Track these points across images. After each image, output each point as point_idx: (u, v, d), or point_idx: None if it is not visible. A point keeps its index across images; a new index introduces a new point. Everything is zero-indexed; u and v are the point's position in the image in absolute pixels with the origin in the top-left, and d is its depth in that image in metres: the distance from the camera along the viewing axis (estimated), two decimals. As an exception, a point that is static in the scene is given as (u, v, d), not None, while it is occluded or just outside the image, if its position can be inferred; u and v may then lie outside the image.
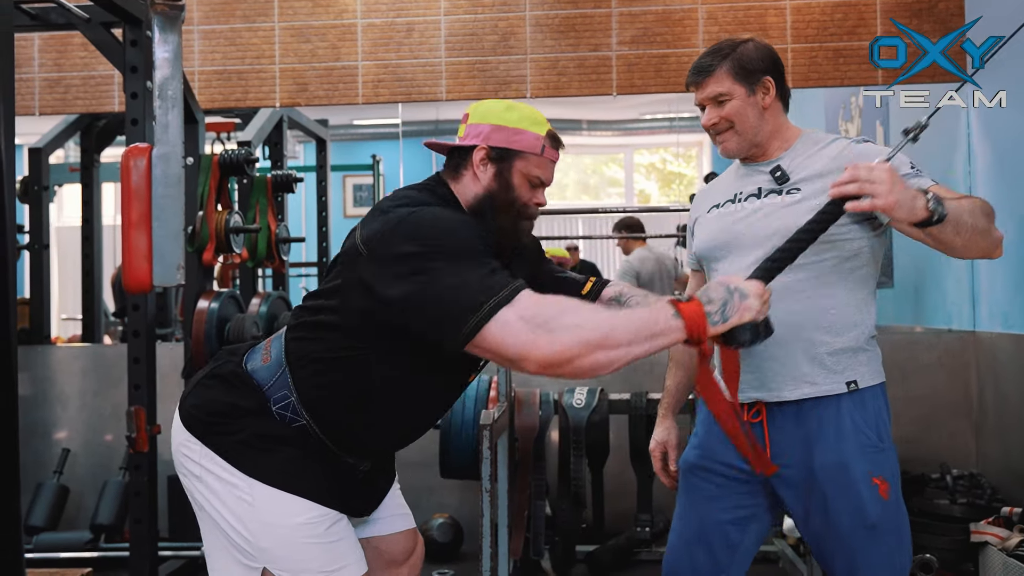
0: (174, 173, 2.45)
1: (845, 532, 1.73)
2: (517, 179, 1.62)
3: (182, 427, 1.58)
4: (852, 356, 1.76)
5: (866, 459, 1.73)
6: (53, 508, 3.78)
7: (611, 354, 1.36)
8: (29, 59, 4.26)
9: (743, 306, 1.43)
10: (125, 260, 2.46)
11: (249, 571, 1.54)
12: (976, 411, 3.82)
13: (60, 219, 9.51)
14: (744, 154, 1.87)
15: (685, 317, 1.40)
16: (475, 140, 1.63)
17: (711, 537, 1.84)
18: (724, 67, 1.81)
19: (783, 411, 1.77)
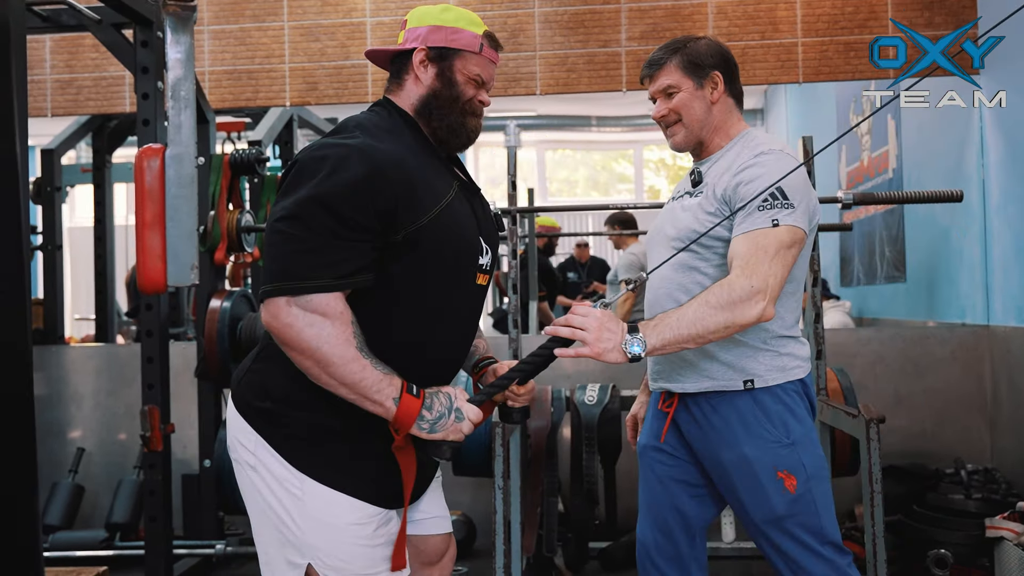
0: (187, 173, 2.46)
1: (757, 522, 1.82)
2: (459, 77, 1.63)
3: (237, 415, 1.58)
4: (751, 355, 1.81)
5: (770, 454, 1.79)
6: (68, 507, 3.80)
7: (322, 376, 1.45)
8: (41, 61, 4.28)
9: (454, 427, 1.52)
10: (140, 260, 2.47)
11: (295, 567, 1.55)
12: (991, 405, 3.80)
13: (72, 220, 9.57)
14: (690, 147, 1.93)
15: (400, 408, 1.47)
16: (414, 43, 1.64)
17: (669, 518, 1.94)
18: (674, 61, 1.88)
19: (695, 402, 1.86)
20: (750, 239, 1.70)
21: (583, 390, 3.38)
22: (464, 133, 1.65)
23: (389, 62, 1.70)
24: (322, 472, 1.53)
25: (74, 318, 8.42)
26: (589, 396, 3.34)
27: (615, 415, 3.36)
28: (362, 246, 1.47)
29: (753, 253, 1.68)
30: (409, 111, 1.64)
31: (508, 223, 3.38)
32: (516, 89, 4.12)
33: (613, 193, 12.26)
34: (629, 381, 3.74)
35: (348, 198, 1.45)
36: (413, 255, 1.52)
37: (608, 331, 1.59)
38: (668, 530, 1.94)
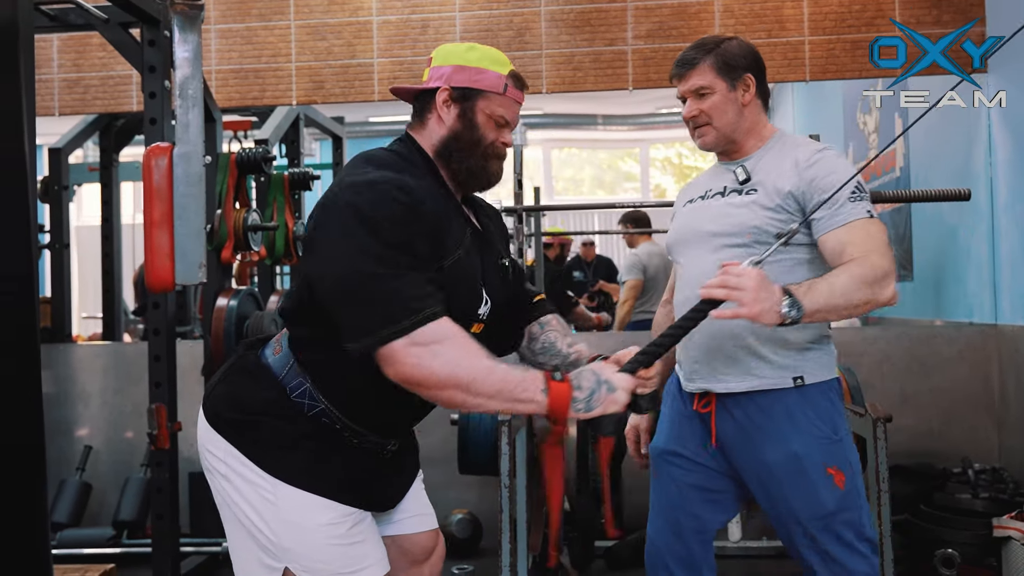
0: (195, 172, 2.47)
1: (803, 521, 1.79)
2: (481, 118, 1.61)
3: (207, 426, 1.59)
4: (799, 354, 1.81)
5: (819, 450, 1.78)
6: (76, 504, 3.82)
7: (468, 399, 1.41)
8: (48, 60, 4.29)
9: (609, 399, 1.48)
10: (148, 259, 2.48)
11: (271, 571, 1.55)
12: (998, 405, 3.79)
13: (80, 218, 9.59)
14: (720, 148, 1.92)
15: (551, 396, 1.44)
16: (437, 82, 1.62)
17: (683, 523, 1.92)
18: (708, 61, 1.86)
19: (735, 403, 1.83)
20: (858, 228, 1.71)
21: (589, 389, 3.37)
22: (485, 176, 1.63)
23: (414, 99, 1.68)
24: (293, 475, 1.53)
25: (82, 316, 8.44)
26: (595, 395, 3.34)
27: (622, 415, 3.35)
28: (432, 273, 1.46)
29: (868, 239, 1.69)
30: (430, 152, 1.62)
31: (514, 222, 3.39)
32: (522, 88, 4.12)
33: (619, 192, 12.25)
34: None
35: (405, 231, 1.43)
36: None
37: (766, 291, 1.54)
38: (681, 533, 1.92)
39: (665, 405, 2.01)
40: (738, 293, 1.53)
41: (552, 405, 1.44)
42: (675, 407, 1.97)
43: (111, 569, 3.24)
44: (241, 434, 1.55)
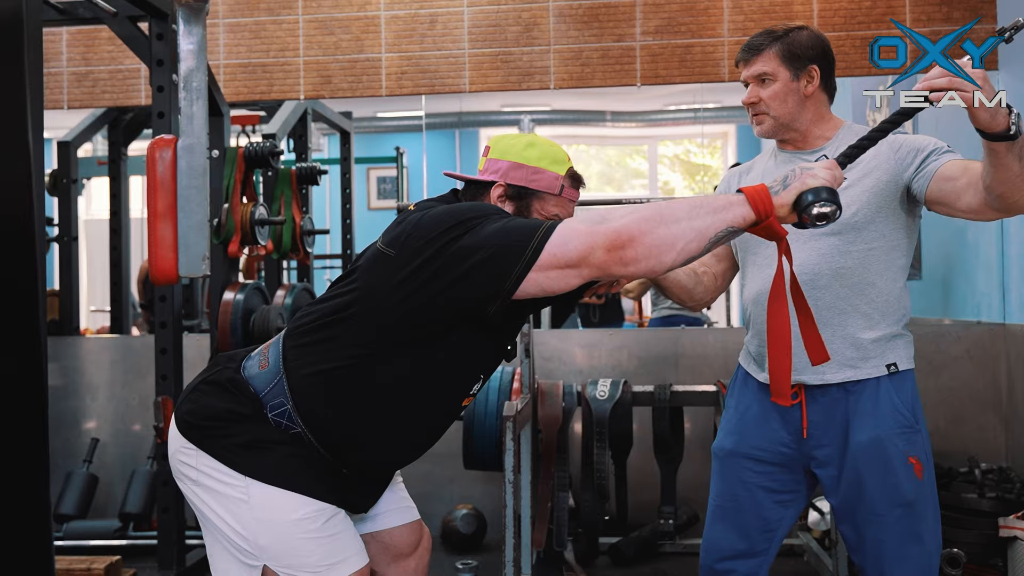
0: (199, 164, 2.47)
1: (880, 510, 1.77)
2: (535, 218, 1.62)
3: (178, 434, 1.59)
4: (891, 341, 1.82)
5: (903, 438, 1.78)
6: (83, 496, 3.83)
7: (673, 228, 1.35)
8: (57, 53, 4.31)
9: (806, 174, 1.41)
10: (151, 251, 2.48)
11: (250, 570, 1.55)
12: (1006, 404, 3.77)
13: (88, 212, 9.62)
14: (776, 136, 1.91)
15: (747, 190, 1.39)
16: (494, 176, 1.63)
17: (749, 524, 1.89)
18: (774, 48, 1.86)
19: (825, 392, 1.82)
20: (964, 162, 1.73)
21: (594, 385, 3.38)
22: None
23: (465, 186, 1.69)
24: (265, 473, 1.53)
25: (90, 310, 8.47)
26: (600, 391, 3.34)
27: (626, 410, 3.35)
28: None
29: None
30: None
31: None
32: (530, 83, 4.11)
33: (627, 189, 12.23)
34: (640, 377, 3.73)
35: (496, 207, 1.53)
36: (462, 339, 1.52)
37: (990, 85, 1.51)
38: (747, 533, 1.90)
39: (729, 404, 1.99)
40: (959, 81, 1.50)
41: (751, 197, 1.38)
42: (742, 404, 1.95)
43: (117, 561, 3.26)
44: (211, 439, 1.56)
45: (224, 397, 1.57)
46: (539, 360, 3.70)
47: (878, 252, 1.81)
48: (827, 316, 1.81)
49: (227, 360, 1.64)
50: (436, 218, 1.47)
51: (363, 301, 1.52)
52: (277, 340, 1.62)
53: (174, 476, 1.62)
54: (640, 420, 3.55)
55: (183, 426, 1.59)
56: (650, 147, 11.51)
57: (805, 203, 1.38)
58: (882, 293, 1.83)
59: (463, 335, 1.51)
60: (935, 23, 3.85)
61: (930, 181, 1.75)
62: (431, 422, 1.65)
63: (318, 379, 1.53)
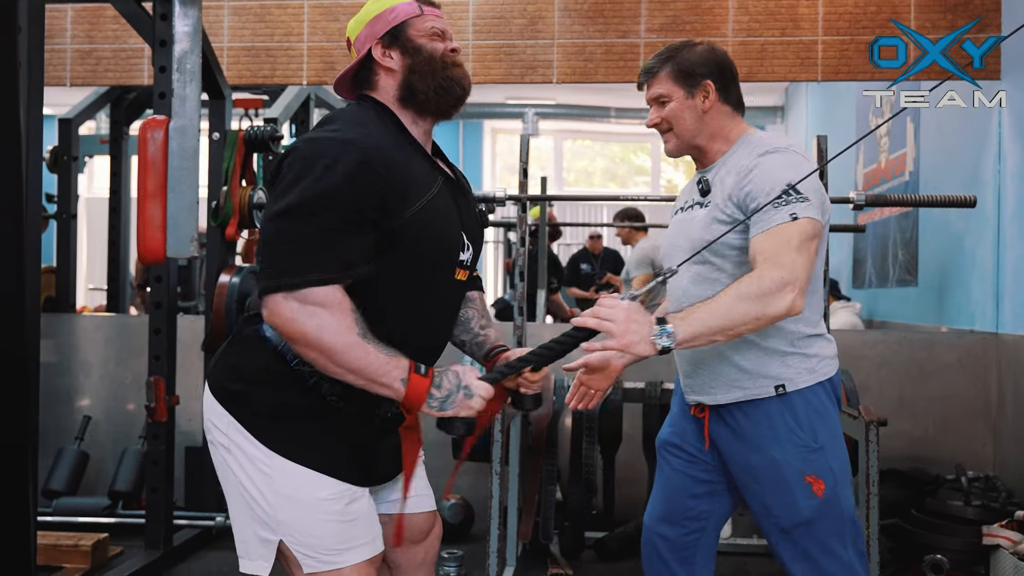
0: (190, 146, 2.48)
1: (783, 526, 1.82)
2: (421, 40, 1.63)
3: (212, 398, 1.61)
4: (780, 360, 1.81)
5: (799, 459, 1.79)
6: (73, 473, 3.85)
7: (329, 366, 1.47)
8: (62, 30, 4.30)
9: (464, 404, 1.52)
10: (140, 231, 2.49)
11: (267, 544, 1.56)
12: (995, 413, 3.79)
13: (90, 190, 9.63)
14: (683, 154, 1.95)
15: (409, 388, 1.48)
16: (366, 44, 1.65)
17: (679, 510, 1.96)
18: (665, 69, 1.89)
19: (722, 412, 1.87)
20: (772, 235, 1.68)
21: (586, 380, 3.38)
22: (456, 85, 1.64)
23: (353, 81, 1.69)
24: (290, 449, 1.54)
25: (88, 288, 8.48)
26: (592, 386, 3.34)
27: (617, 407, 3.37)
28: (362, 238, 1.48)
29: (777, 247, 1.66)
30: (392, 103, 1.63)
31: (518, 211, 3.39)
32: (533, 77, 4.11)
33: (630, 185, 12.23)
34: (632, 374, 3.74)
35: (344, 193, 1.46)
36: (395, 248, 1.53)
37: (636, 323, 1.55)
38: (676, 520, 1.96)
39: (674, 399, 2.04)
40: (608, 324, 1.55)
41: (408, 397, 1.48)
42: (676, 396, 2.02)
43: (105, 538, 3.28)
44: (242, 406, 1.57)
45: (252, 354, 1.59)
46: (532, 353, 3.71)
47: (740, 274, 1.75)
48: None
49: (246, 321, 1.66)
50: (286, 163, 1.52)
51: None
52: None
53: (207, 439, 1.64)
54: (630, 417, 3.56)
55: (216, 389, 1.61)
56: (653, 144, 11.51)
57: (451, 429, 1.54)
58: None
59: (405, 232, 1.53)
60: (940, 29, 3.85)
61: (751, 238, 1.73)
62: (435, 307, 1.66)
63: None
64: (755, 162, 1.77)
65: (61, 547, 3.15)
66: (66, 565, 3.13)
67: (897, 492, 3.44)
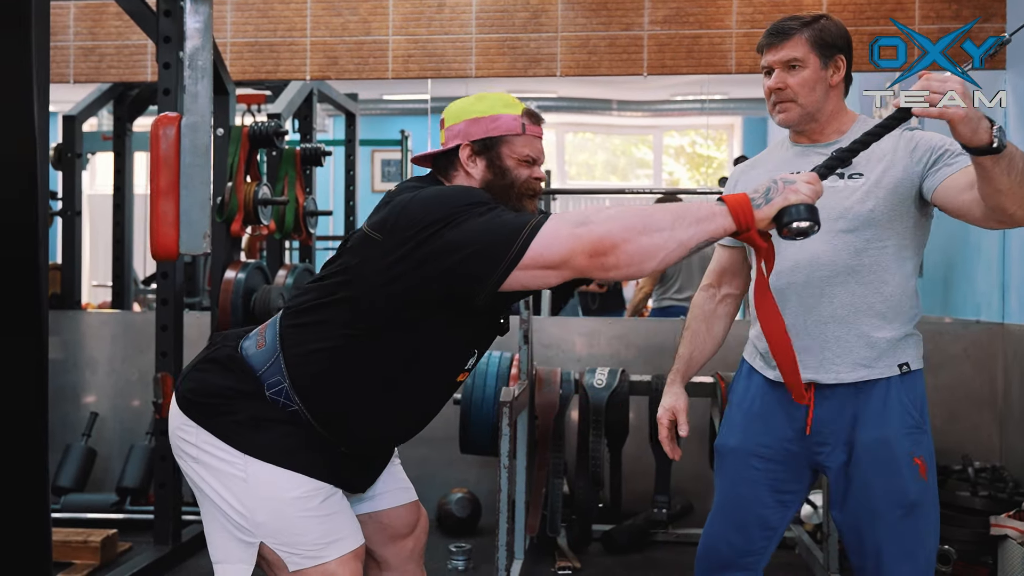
0: (202, 142, 2.48)
1: (883, 509, 1.76)
2: (509, 163, 1.62)
3: (179, 411, 1.61)
4: (904, 340, 1.81)
5: (909, 438, 1.77)
6: (81, 470, 3.86)
7: (655, 238, 1.36)
8: (64, 27, 4.30)
9: (788, 188, 1.41)
10: (153, 227, 2.49)
11: (247, 547, 1.56)
12: (1001, 404, 3.78)
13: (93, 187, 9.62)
14: (800, 126, 1.87)
15: (729, 201, 1.40)
16: (456, 140, 1.64)
17: (751, 521, 1.88)
18: (805, 34, 1.81)
19: (836, 391, 1.81)
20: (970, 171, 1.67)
21: (592, 374, 3.39)
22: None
23: (433, 162, 1.70)
24: (264, 451, 1.55)
25: (92, 284, 8.48)
26: (598, 380, 3.35)
27: (623, 399, 3.37)
28: None
29: None
30: None
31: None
32: (536, 70, 4.10)
33: (632, 178, 12.21)
34: (638, 367, 3.74)
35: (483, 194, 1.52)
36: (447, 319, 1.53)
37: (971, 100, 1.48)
38: (746, 528, 1.89)
39: (732, 401, 1.97)
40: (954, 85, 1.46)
41: (735, 211, 1.39)
42: (746, 401, 1.93)
43: (113, 534, 3.29)
44: (211, 416, 1.57)
45: (225, 375, 1.59)
46: (538, 347, 3.71)
47: (892, 250, 1.79)
48: (842, 313, 1.79)
49: (224, 339, 1.66)
50: (423, 205, 1.47)
51: (352, 284, 1.53)
52: (274, 321, 1.63)
53: (174, 453, 1.63)
54: (637, 409, 3.57)
55: (184, 403, 1.60)
56: (655, 137, 11.48)
57: (785, 219, 1.41)
58: (896, 291, 1.80)
59: (452, 316, 1.53)
60: (944, 20, 3.84)
61: (937, 187, 1.73)
62: (427, 398, 1.67)
63: (313, 358, 1.55)
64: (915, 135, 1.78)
65: (70, 543, 3.16)
66: (75, 561, 3.14)
67: (904, 483, 3.44)
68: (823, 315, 1.80)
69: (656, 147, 11.66)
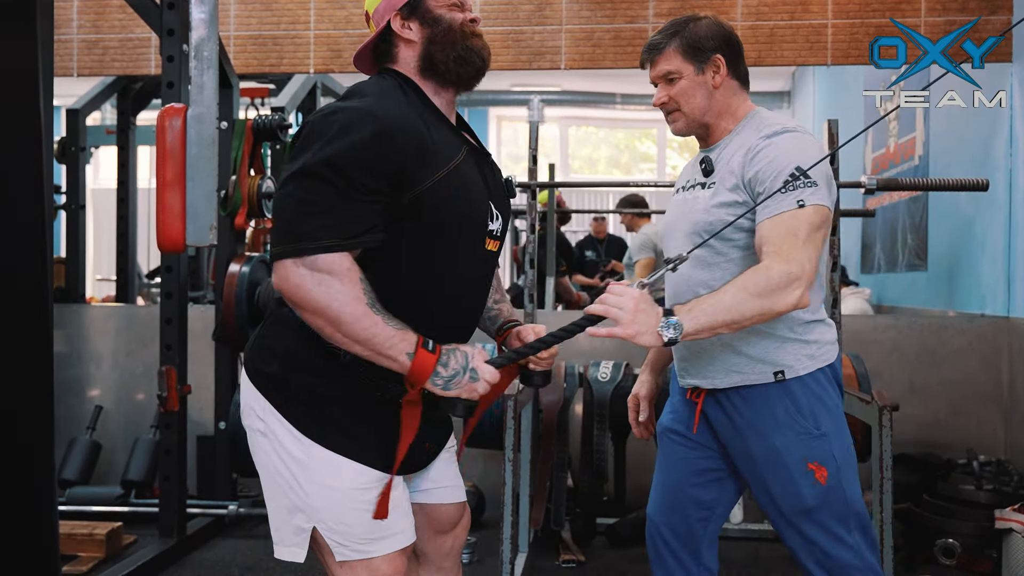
0: (208, 134, 2.47)
1: (786, 513, 1.80)
2: (439, 11, 1.62)
3: (248, 382, 1.61)
4: (779, 346, 1.78)
5: (801, 445, 1.77)
6: (85, 463, 3.87)
7: (336, 335, 1.46)
8: (68, 20, 4.29)
9: (469, 387, 1.51)
10: (159, 220, 2.49)
11: (301, 531, 1.56)
12: (1007, 398, 3.78)
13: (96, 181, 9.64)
14: (691, 134, 1.89)
15: (414, 363, 1.47)
16: (385, 16, 1.64)
17: (684, 499, 1.92)
18: (673, 44, 1.82)
19: (719, 397, 1.84)
20: (779, 223, 1.65)
21: (596, 367, 3.39)
22: (476, 55, 1.63)
23: (373, 55, 1.69)
24: (325, 436, 1.54)
25: (96, 278, 8.50)
26: (602, 373, 3.35)
27: (627, 393, 3.35)
28: (371, 206, 1.47)
29: (784, 238, 1.63)
30: (414, 74, 1.62)
31: (527, 198, 3.38)
32: (540, 63, 4.09)
33: (635, 172, 12.19)
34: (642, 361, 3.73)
35: (357, 159, 1.45)
36: (420, 218, 1.52)
37: (644, 313, 1.54)
38: (680, 508, 1.93)
39: (673, 384, 2.00)
40: (616, 311, 1.53)
41: (413, 371, 1.47)
42: (679, 389, 1.97)
43: (118, 527, 3.29)
44: (278, 391, 1.57)
45: (288, 335, 1.58)
46: (542, 341, 3.71)
47: (738, 260, 1.76)
48: None
49: (278, 304, 1.65)
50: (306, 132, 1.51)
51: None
52: None
53: (243, 424, 1.63)
54: (641, 403, 3.57)
55: (253, 374, 1.60)
56: (659, 131, 11.47)
57: (451, 410, 1.53)
58: None
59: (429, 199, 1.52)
60: (950, 12, 3.82)
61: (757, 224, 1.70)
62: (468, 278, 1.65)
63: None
64: (763, 143, 1.73)
65: (76, 536, 3.17)
66: (81, 554, 3.14)
67: (909, 477, 3.44)
68: None
69: (660, 140, 11.64)
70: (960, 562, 3.09)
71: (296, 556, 1.58)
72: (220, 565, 3.23)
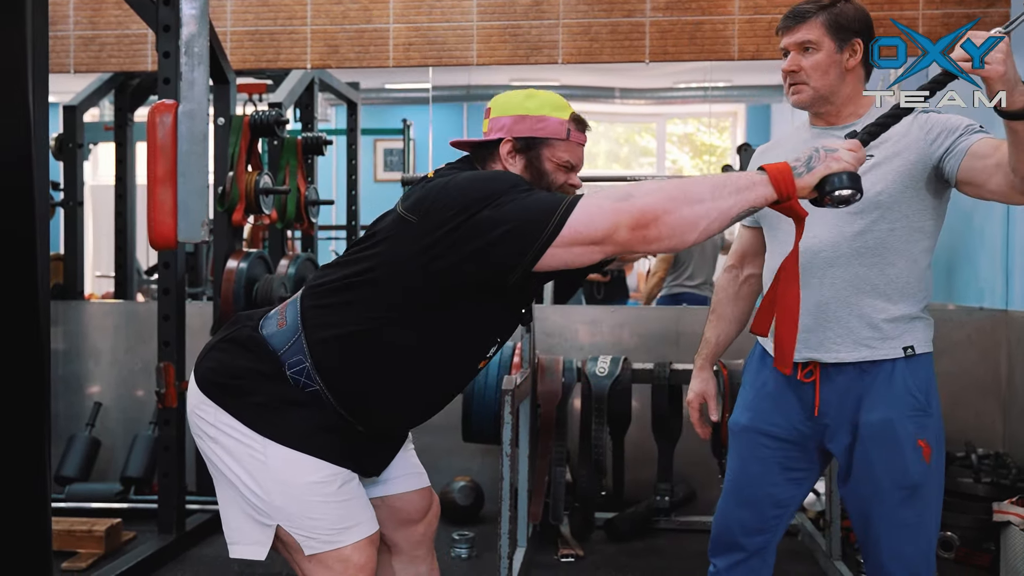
0: (199, 130, 2.47)
1: (885, 490, 1.78)
2: (548, 166, 1.63)
3: (198, 390, 1.61)
4: (909, 323, 1.81)
5: (913, 421, 1.78)
6: (85, 460, 3.87)
7: (696, 208, 1.37)
8: (64, 17, 4.29)
9: (831, 156, 1.43)
10: (150, 216, 2.49)
11: (264, 528, 1.57)
12: (1005, 391, 3.78)
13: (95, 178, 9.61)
14: (812, 108, 1.88)
15: (769, 170, 1.41)
16: (499, 133, 1.63)
17: (762, 499, 1.91)
18: (821, 17, 1.82)
19: (840, 371, 1.82)
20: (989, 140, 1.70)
21: (595, 362, 3.39)
22: None
23: (473, 149, 1.70)
24: (283, 434, 1.55)
25: (95, 275, 8.49)
26: (600, 368, 3.35)
27: (626, 388, 3.37)
28: None
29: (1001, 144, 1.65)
30: None
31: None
32: (538, 58, 4.09)
33: (635, 167, 12.17)
34: (641, 355, 3.74)
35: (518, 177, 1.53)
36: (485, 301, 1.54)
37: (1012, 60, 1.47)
38: (756, 505, 1.92)
39: (746, 381, 2.00)
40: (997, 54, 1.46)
41: (774, 176, 1.40)
42: (759, 380, 1.95)
43: (118, 523, 3.30)
44: (231, 397, 1.57)
45: (245, 355, 1.59)
46: (540, 335, 3.71)
47: (900, 233, 1.79)
48: (845, 294, 1.81)
49: (245, 319, 1.66)
50: (460, 187, 1.48)
51: (386, 265, 1.53)
52: (295, 300, 1.63)
53: (192, 432, 1.64)
54: (639, 397, 3.57)
55: (204, 383, 1.60)
56: (658, 125, 11.44)
57: (827, 187, 1.41)
58: (902, 274, 1.81)
59: (482, 300, 1.54)
60: (949, 5, 3.82)
61: (961, 160, 1.73)
62: (447, 382, 1.67)
63: (338, 339, 1.55)
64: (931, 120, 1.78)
65: (75, 532, 3.17)
66: (80, 550, 3.15)
67: (907, 470, 3.44)
68: (824, 296, 1.82)
69: (659, 135, 11.62)
70: (958, 555, 3.10)
71: (257, 554, 1.59)
72: (219, 561, 3.23)
